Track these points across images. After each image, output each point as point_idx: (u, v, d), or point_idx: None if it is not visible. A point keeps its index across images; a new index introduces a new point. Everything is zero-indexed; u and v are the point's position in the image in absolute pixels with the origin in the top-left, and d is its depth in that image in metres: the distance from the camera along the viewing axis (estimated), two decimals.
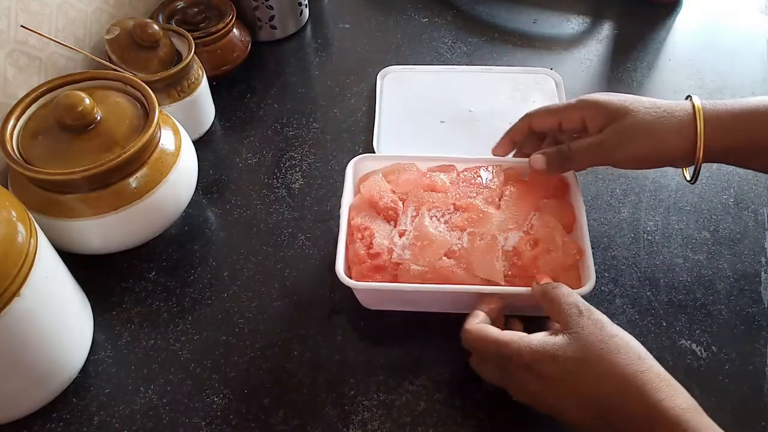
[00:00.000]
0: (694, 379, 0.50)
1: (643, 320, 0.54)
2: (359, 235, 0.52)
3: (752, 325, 0.54)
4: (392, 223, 0.54)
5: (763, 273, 0.57)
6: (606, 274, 0.57)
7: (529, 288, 0.48)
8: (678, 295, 0.56)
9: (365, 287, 0.50)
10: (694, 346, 0.52)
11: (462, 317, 0.53)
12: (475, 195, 0.54)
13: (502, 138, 0.58)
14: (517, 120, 0.56)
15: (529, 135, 0.56)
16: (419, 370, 0.51)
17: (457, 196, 0.54)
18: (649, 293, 0.56)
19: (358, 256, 0.51)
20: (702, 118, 0.48)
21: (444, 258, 0.51)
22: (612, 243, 0.59)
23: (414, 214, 0.54)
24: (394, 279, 0.50)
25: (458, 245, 0.51)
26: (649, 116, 0.49)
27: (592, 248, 0.59)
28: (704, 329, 0.53)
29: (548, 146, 0.56)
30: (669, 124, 0.49)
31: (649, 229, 0.61)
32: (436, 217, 0.53)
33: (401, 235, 0.52)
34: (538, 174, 0.55)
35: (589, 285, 0.49)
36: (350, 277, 0.50)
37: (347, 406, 0.49)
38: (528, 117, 0.55)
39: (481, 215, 0.53)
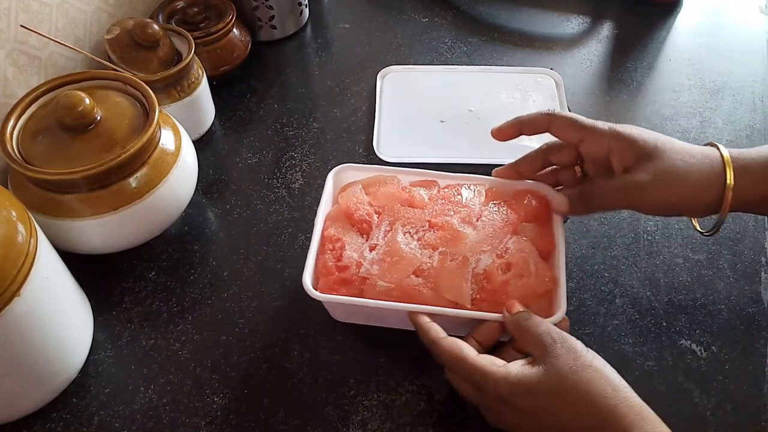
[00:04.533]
0: (694, 379, 0.50)
1: (643, 320, 0.54)
2: (330, 246, 0.51)
3: (752, 325, 0.54)
4: (365, 236, 0.52)
5: (763, 273, 0.57)
6: (606, 274, 0.57)
7: (494, 314, 0.47)
8: (678, 295, 0.56)
9: (328, 300, 0.48)
10: (694, 346, 0.52)
11: None
12: (452, 213, 0.53)
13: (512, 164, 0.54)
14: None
15: (546, 148, 0.53)
16: (419, 370, 0.51)
17: (434, 213, 0.53)
18: (649, 293, 0.56)
19: (326, 268, 0.50)
20: (732, 170, 0.46)
21: (412, 276, 0.49)
22: (612, 243, 0.59)
23: (388, 228, 0.52)
24: (360, 293, 0.49)
25: (428, 264, 0.50)
26: (680, 163, 0.46)
27: (592, 249, 0.59)
28: (704, 329, 0.53)
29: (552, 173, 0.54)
30: (699, 175, 0.46)
31: (649, 229, 0.61)
32: (410, 233, 0.52)
33: (372, 249, 0.51)
34: (521, 195, 0.54)
35: (558, 314, 0.47)
36: (317, 289, 0.49)
37: (347, 406, 0.49)
38: (551, 118, 0.51)
39: (454, 235, 0.51)
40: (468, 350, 0.44)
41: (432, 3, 0.87)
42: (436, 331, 0.46)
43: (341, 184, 0.56)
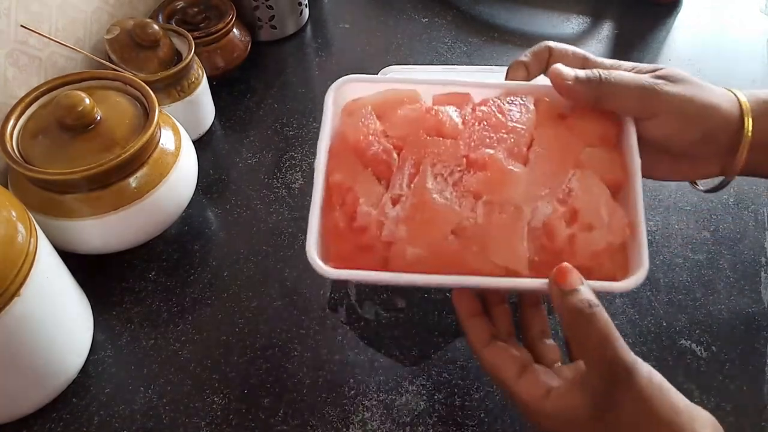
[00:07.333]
0: (694, 379, 0.50)
1: (643, 320, 0.54)
2: (339, 200, 0.39)
3: (752, 325, 0.54)
4: (384, 181, 0.39)
5: (763, 273, 0.57)
6: None
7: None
8: (678, 295, 0.56)
9: (344, 277, 0.37)
10: (694, 346, 0.52)
11: None
12: (495, 143, 0.39)
13: (516, 62, 0.44)
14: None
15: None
16: (419, 370, 0.51)
17: (471, 144, 0.39)
18: (649, 293, 0.56)
19: (337, 230, 0.38)
20: (750, 115, 0.41)
21: (450, 237, 0.37)
22: None
23: (412, 170, 0.39)
24: (384, 263, 0.37)
25: (470, 220, 0.37)
26: (710, 96, 0.41)
27: None
28: (704, 329, 0.53)
29: None
30: (722, 111, 0.41)
31: (649, 229, 0.61)
32: (442, 175, 0.38)
33: (395, 202, 0.38)
34: (582, 108, 0.41)
35: (640, 274, 0.36)
36: (329, 260, 0.37)
37: (347, 406, 0.49)
38: (550, 48, 0.44)
39: (502, 175, 0.38)
40: (508, 369, 0.37)
41: (432, 3, 0.87)
42: (477, 335, 0.39)
43: (345, 103, 0.42)
